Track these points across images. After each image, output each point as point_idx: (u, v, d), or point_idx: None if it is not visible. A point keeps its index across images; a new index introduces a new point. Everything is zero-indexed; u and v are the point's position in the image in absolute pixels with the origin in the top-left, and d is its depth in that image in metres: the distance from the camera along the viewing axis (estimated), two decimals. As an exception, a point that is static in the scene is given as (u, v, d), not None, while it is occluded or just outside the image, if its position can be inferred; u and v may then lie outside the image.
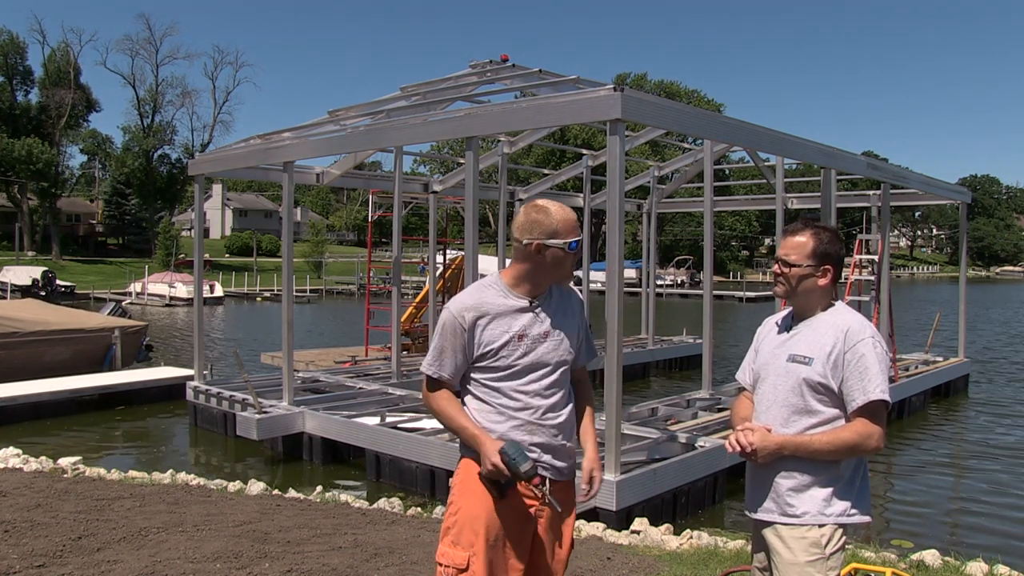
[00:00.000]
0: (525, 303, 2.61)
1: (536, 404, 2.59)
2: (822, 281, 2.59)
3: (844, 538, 2.54)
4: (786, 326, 2.69)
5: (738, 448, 2.56)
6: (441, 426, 9.35)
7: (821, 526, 2.49)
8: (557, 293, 2.72)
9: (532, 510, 2.59)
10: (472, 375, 2.62)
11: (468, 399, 2.65)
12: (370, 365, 13.37)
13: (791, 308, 2.71)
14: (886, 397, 2.46)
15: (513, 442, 2.49)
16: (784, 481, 2.53)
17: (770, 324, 2.80)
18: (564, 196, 17.76)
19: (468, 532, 2.52)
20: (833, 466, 2.51)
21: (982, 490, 8.47)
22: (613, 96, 6.53)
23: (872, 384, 2.45)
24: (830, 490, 2.50)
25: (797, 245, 2.61)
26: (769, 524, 2.58)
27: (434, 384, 2.64)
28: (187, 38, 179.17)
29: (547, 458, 2.61)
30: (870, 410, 2.46)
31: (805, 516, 2.50)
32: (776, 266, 2.66)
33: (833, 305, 2.65)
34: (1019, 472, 9.18)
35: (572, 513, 2.75)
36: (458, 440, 2.67)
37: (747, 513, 2.69)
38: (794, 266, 2.59)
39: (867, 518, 2.57)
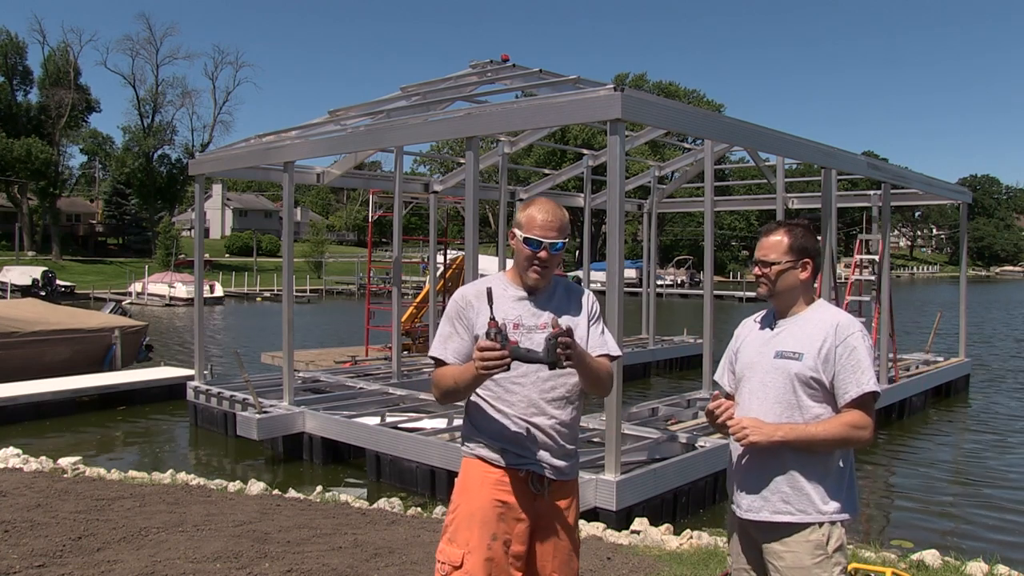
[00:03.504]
0: (523, 293, 2.67)
1: (533, 398, 2.61)
2: (803, 275, 2.63)
3: (844, 533, 2.55)
4: (768, 324, 2.70)
5: (735, 430, 2.50)
6: (442, 426, 9.28)
7: (820, 525, 2.50)
8: (563, 290, 2.76)
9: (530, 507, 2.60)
10: None
11: (472, 397, 2.68)
12: (370, 365, 13.37)
13: (772, 307, 2.73)
14: (879, 388, 2.53)
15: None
16: (779, 477, 2.53)
17: (749, 324, 2.80)
18: (564, 196, 17.77)
19: (464, 530, 2.57)
20: (827, 459, 2.53)
21: (983, 490, 8.46)
22: (613, 96, 6.53)
23: (865, 376, 2.50)
24: (825, 486, 2.52)
25: (773, 244, 2.65)
26: (761, 523, 2.57)
27: (441, 365, 2.68)
28: (187, 38, 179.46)
29: (545, 456, 2.61)
30: (863, 402, 2.50)
31: (800, 515, 2.51)
32: (756, 268, 2.69)
33: (816, 301, 2.68)
34: (1019, 472, 9.19)
35: (574, 513, 2.74)
36: (460, 440, 2.67)
37: (737, 513, 2.66)
38: (773, 264, 2.63)
39: (855, 515, 2.59)
